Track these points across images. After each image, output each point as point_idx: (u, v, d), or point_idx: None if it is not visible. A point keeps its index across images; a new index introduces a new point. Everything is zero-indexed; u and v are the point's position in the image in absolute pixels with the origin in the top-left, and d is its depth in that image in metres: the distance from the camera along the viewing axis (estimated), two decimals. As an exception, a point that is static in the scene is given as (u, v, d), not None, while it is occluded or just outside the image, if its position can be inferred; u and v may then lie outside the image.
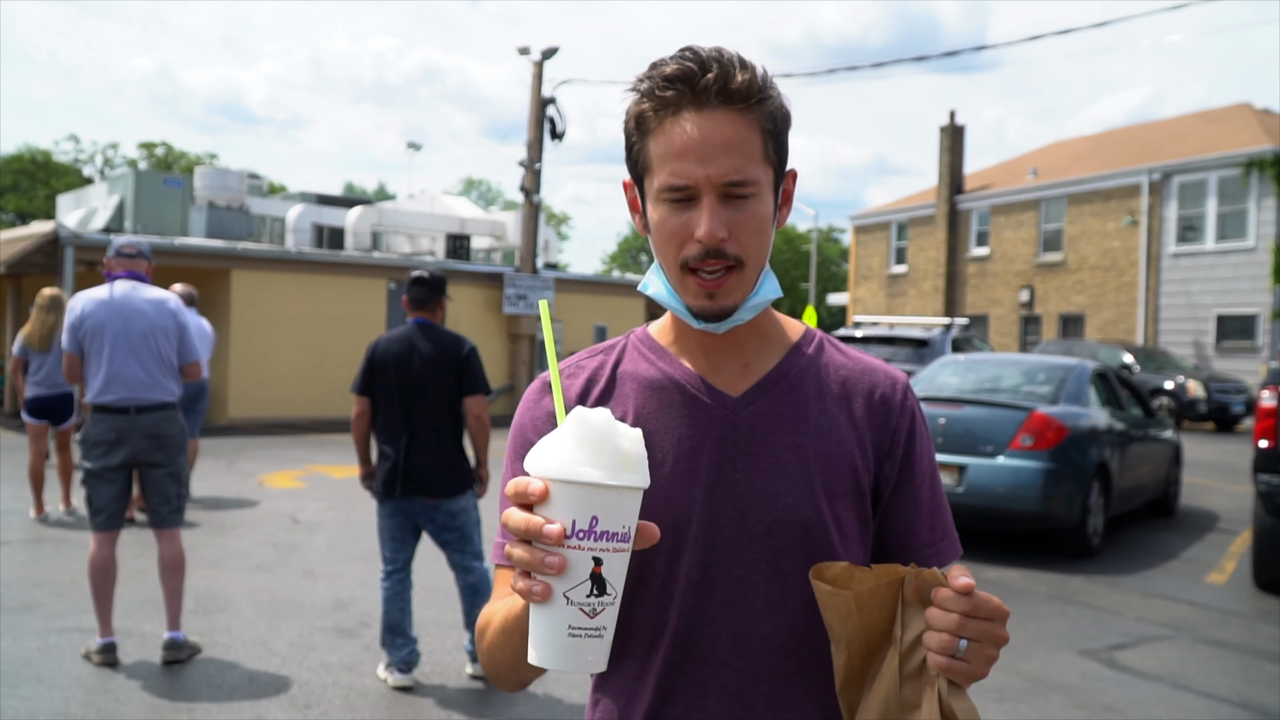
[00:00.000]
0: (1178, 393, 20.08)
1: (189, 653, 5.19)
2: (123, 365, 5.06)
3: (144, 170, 25.46)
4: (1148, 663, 5.66)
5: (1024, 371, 9.43)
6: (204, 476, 11.02)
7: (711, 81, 1.22)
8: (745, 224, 1.26)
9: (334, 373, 18.00)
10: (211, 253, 17.38)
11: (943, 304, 32.33)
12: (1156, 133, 31.08)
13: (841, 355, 1.42)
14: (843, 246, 59.80)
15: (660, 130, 1.25)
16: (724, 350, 1.36)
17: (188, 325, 5.35)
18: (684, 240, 1.26)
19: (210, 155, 63.86)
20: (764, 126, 1.26)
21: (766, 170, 1.28)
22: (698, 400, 1.34)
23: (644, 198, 1.32)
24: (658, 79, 1.25)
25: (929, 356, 12.96)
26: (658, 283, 1.35)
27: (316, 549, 7.80)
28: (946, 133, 33.02)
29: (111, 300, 5.12)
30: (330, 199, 28.09)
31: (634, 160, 1.31)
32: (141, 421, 5.09)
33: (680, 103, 1.24)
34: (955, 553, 1.42)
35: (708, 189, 1.24)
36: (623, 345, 1.44)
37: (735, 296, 1.28)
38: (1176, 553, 8.68)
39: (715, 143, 1.23)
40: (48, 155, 58.66)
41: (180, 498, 5.30)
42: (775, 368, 1.37)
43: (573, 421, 1.00)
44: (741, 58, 1.27)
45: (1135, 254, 27.06)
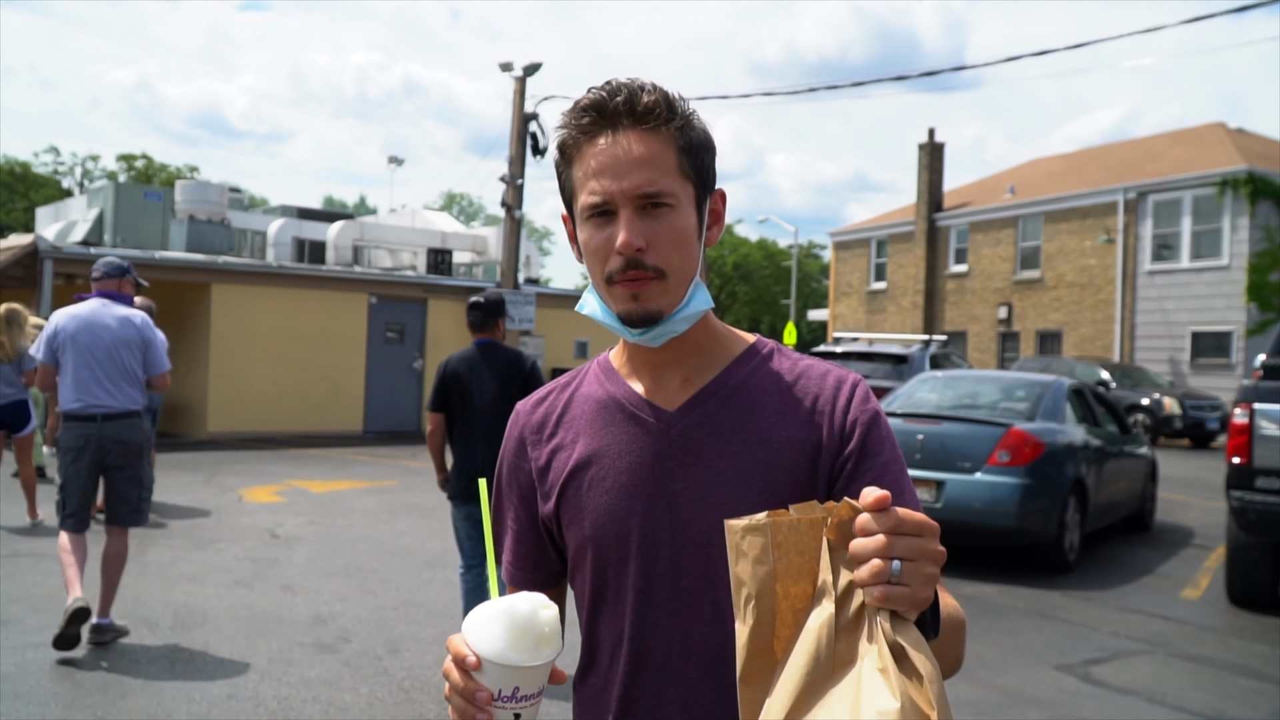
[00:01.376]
0: (1153, 409, 20.24)
1: (114, 636, 5.62)
2: (89, 376, 5.51)
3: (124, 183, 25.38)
4: (1123, 677, 5.71)
5: (1001, 388, 9.51)
6: (182, 490, 10.97)
7: (621, 104, 1.30)
8: (663, 235, 1.30)
9: (314, 387, 17.97)
10: (192, 266, 17.32)
11: (921, 320, 32.50)
12: (1132, 152, 31.41)
13: (789, 363, 1.44)
14: (823, 263, 60.07)
15: (580, 155, 1.33)
16: (665, 367, 1.41)
17: (154, 340, 5.75)
18: (607, 255, 1.31)
19: (191, 168, 63.71)
20: (678, 143, 1.32)
21: (684, 184, 1.33)
22: (636, 417, 1.40)
23: (575, 224, 1.38)
24: (575, 111, 1.33)
25: (908, 373, 13.05)
26: (593, 302, 1.39)
27: (296, 564, 7.79)
28: (925, 150, 33.26)
29: (81, 315, 5.60)
30: (311, 213, 28.01)
31: (564, 190, 1.38)
32: (107, 428, 5.53)
33: (595, 129, 1.31)
34: None
35: (623, 202, 1.29)
36: (587, 370, 1.51)
37: (660, 303, 1.32)
38: (1152, 568, 8.75)
39: (628, 159, 1.29)
40: (26, 167, 58.33)
41: (140, 499, 5.69)
42: (713, 380, 1.40)
43: (502, 613, 1.17)
44: (653, 84, 1.34)
45: (1112, 271, 27.30)
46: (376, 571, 7.61)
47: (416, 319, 19.72)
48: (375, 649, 5.72)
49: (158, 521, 9.25)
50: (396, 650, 5.71)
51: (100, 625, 5.57)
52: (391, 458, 15.40)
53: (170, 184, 38.62)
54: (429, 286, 20.04)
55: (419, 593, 7.04)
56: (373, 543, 8.68)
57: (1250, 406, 7.08)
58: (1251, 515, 6.99)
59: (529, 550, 1.50)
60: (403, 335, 19.54)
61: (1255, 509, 6.98)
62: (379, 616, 6.41)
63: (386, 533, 9.15)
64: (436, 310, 19.80)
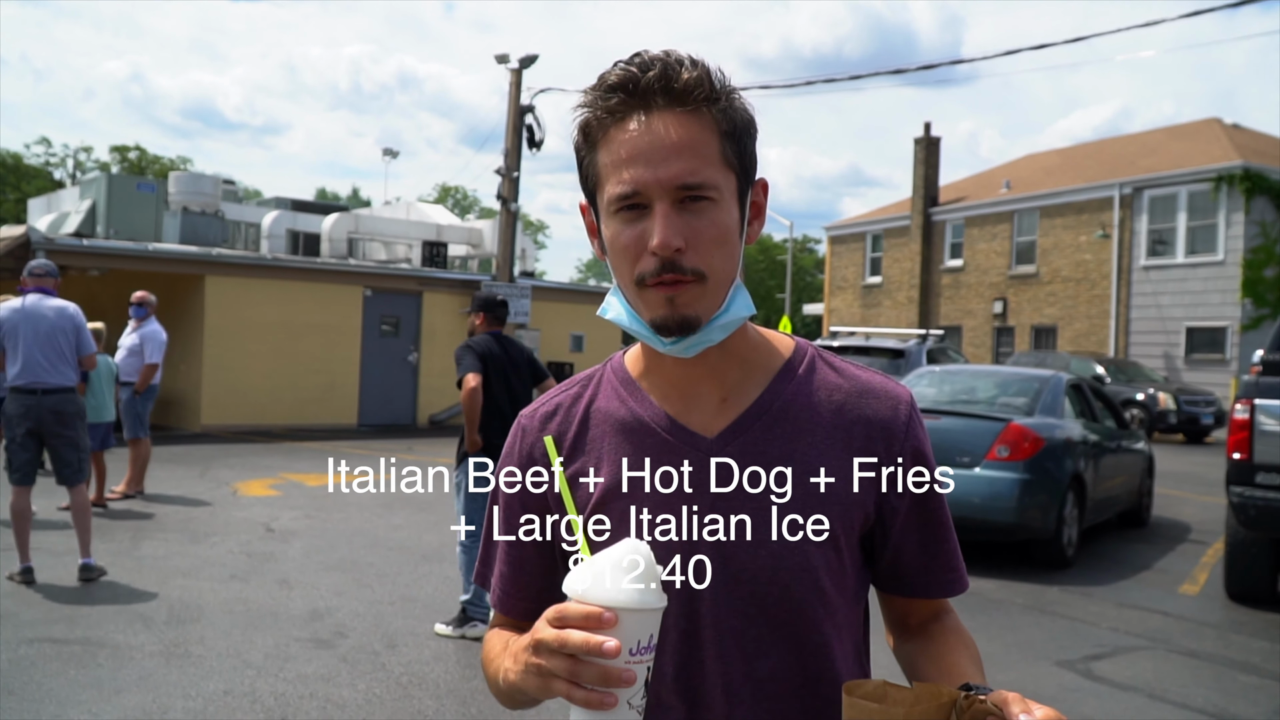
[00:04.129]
0: (1149, 404, 20.25)
1: (97, 574, 6.75)
2: (31, 357, 6.61)
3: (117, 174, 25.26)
4: (1123, 673, 5.69)
5: (999, 383, 9.49)
6: (177, 484, 10.92)
7: (654, 80, 1.15)
8: (704, 232, 1.16)
9: (308, 380, 17.90)
10: (185, 258, 17.25)
11: (917, 315, 32.50)
12: (1128, 147, 31.41)
13: (836, 375, 1.31)
14: (818, 257, 60.04)
15: (606, 140, 1.18)
16: (699, 381, 1.27)
17: (84, 327, 6.92)
18: (639, 254, 1.17)
19: (184, 160, 63.43)
20: (720, 128, 1.18)
21: (726, 175, 1.19)
22: (670, 445, 1.25)
23: (599, 217, 1.23)
24: (601, 89, 1.18)
25: (905, 367, 13.02)
26: (618, 306, 1.25)
27: (291, 558, 7.74)
28: (921, 145, 33.24)
29: (24, 308, 6.71)
30: (306, 205, 27.90)
31: (585, 177, 1.24)
32: (46, 401, 6.64)
33: (625, 109, 1.16)
34: (963, 585, 1.35)
35: (660, 194, 1.15)
36: (598, 377, 1.36)
37: (698, 308, 1.18)
38: (1150, 563, 8.74)
39: (665, 144, 1.15)
40: (18, 158, 58.05)
41: (81, 461, 6.80)
42: (756, 401, 1.27)
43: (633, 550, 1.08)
44: (691, 58, 1.18)
45: (1107, 267, 27.30)
46: (373, 566, 7.56)
47: (411, 312, 19.66)
48: (372, 644, 5.68)
49: (150, 514, 9.21)
50: (394, 645, 5.67)
51: (86, 564, 6.71)
52: (387, 451, 15.36)
53: (164, 176, 38.48)
54: (424, 279, 19.98)
55: (416, 587, 7.00)
56: (369, 536, 8.63)
57: (1251, 402, 7.06)
58: (1252, 511, 6.98)
59: (533, 579, 1.35)
60: (398, 328, 19.48)
61: (1255, 504, 6.96)
62: (376, 611, 6.37)
63: (382, 526, 9.10)
64: (431, 303, 19.74)
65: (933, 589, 1.34)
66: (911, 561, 1.32)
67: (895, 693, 1.07)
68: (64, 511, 8.81)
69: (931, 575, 1.33)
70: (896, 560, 1.32)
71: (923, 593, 1.34)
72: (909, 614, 1.38)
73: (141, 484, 10.16)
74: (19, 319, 6.65)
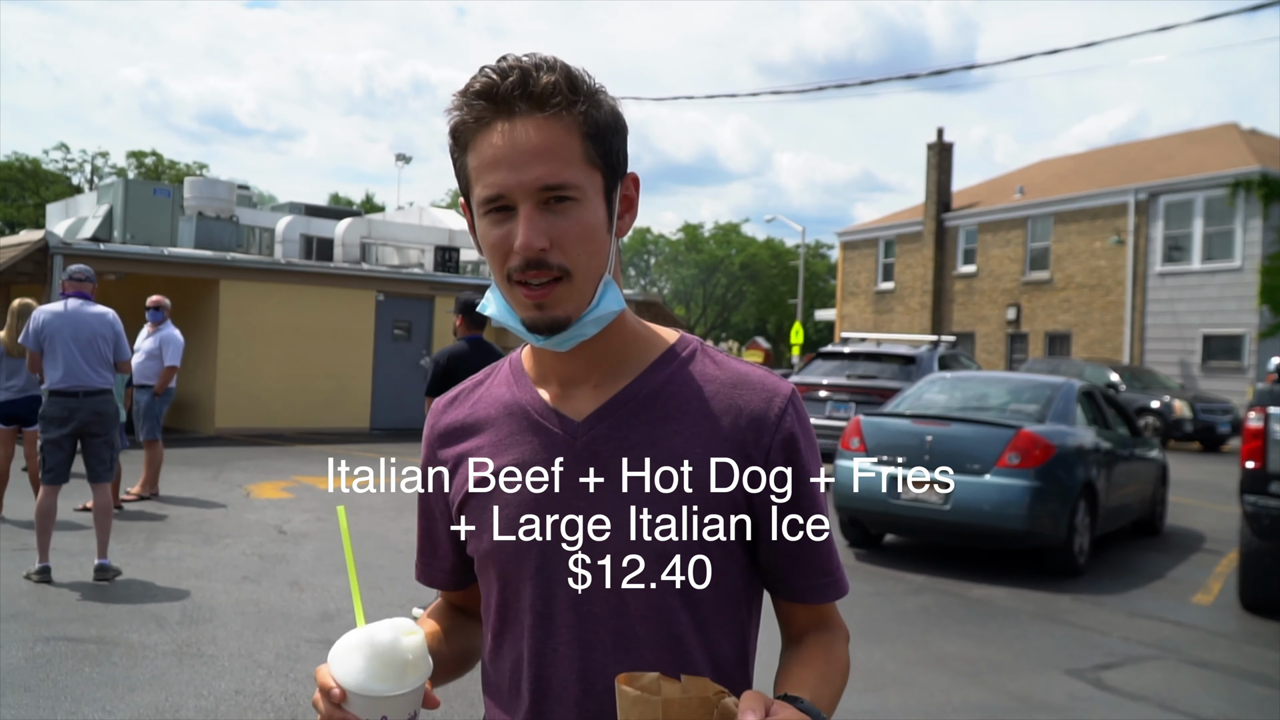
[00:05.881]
0: (1164, 412, 20.16)
1: (113, 574, 6.83)
2: (73, 361, 6.79)
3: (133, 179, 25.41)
4: (1134, 683, 5.67)
5: (1011, 390, 9.47)
6: (190, 486, 10.98)
7: (513, 86, 1.18)
8: (568, 231, 1.19)
9: (321, 384, 17.95)
10: (200, 263, 17.34)
11: (929, 321, 32.44)
12: (1143, 152, 31.31)
13: (715, 367, 1.31)
14: (830, 263, 59.94)
15: (474, 145, 1.21)
16: (577, 372, 1.30)
17: (122, 333, 7.15)
18: (507, 253, 1.21)
19: (200, 165, 63.79)
20: (582, 130, 1.20)
21: (590, 174, 1.21)
22: (542, 427, 1.29)
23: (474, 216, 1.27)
24: (466, 95, 1.21)
25: (916, 374, 13.00)
26: (495, 302, 1.28)
27: (303, 560, 7.78)
28: (934, 150, 33.21)
29: (66, 312, 6.92)
30: (319, 210, 27.98)
31: (459, 178, 1.27)
32: (86, 402, 6.84)
33: (489, 115, 1.20)
34: (838, 591, 1.33)
35: (523, 197, 1.18)
36: (500, 368, 1.42)
37: (566, 308, 1.21)
38: (1163, 573, 8.71)
39: (526, 149, 1.18)
40: (37, 164, 58.45)
41: (113, 460, 7.06)
42: (626, 387, 1.29)
43: (363, 643, 1.16)
44: (550, 61, 1.20)
45: (1122, 273, 27.21)
46: (384, 569, 7.59)
47: (424, 316, 19.71)
48: (383, 647, 5.69)
49: (164, 515, 9.26)
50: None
51: (102, 565, 6.79)
52: (399, 454, 15.37)
53: (179, 181, 38.69)
54: (436, 284, 20.02)
55: (426, 590, 7.02)
56: (379, 540, 8.66)
57: (1265, 410, 7.03)
58: (1266, 520, 6.95)
59: (447, 553, 1.44)
60: (410, 333, 19.53)
61: (1269, 514, 6.93)
62: (385, 613, 6.33)
63: (393, 530, 9.14)
64: (444, 308, 19.76)
65: (807, 594, 1.32)
66: (783, 563, 1.30)
67: (667, 685, 1.09)
68: (81, 513, 8.92)
69: (801, 578, 1.31)
70: (770, 560, 1.31)
71: (795, 596, 1.33)
72: (790, 620, 1.36)
73: (156, 486, 10.22)
74: (61, 323, 6.84)
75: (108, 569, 6.83)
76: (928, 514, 8.24)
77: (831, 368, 13.97)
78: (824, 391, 13.34)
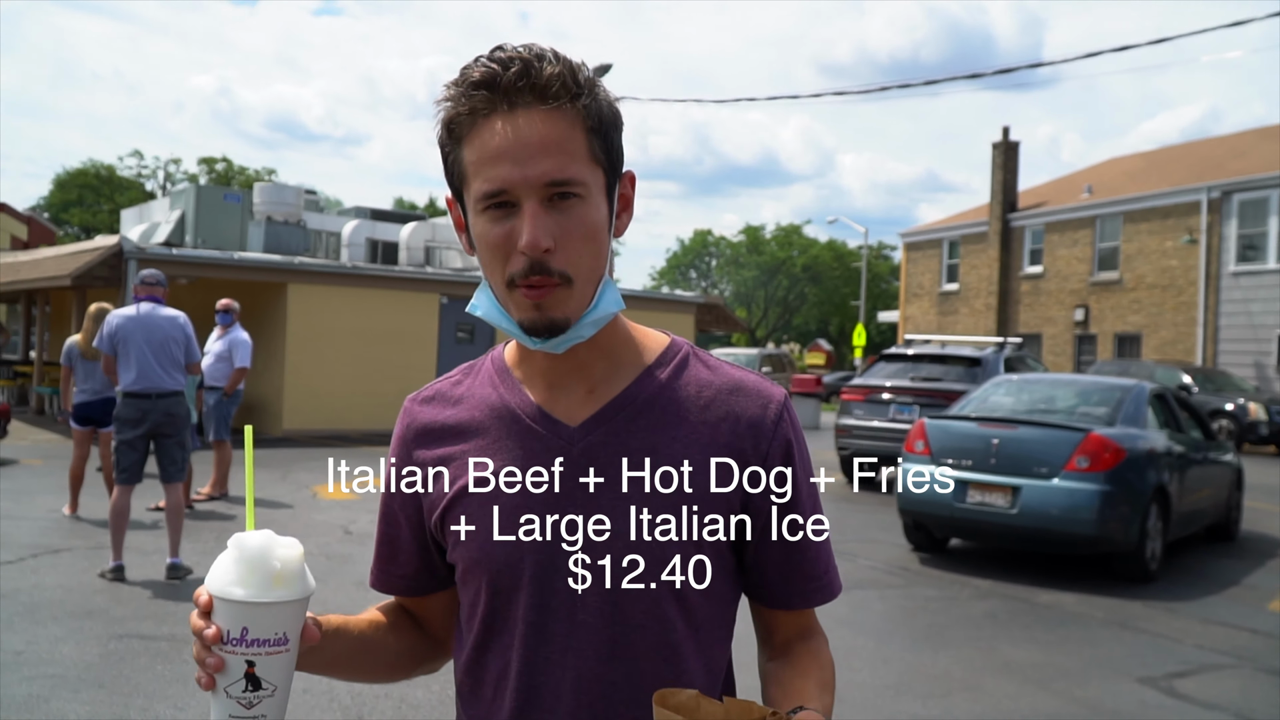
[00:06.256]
0: (1238, 414, 19.69)
1: (184, 573, 6.95)
2: (147, 363, 6.94)
3: (204, 185, 25.95)
4: (1208, 692, 5.54)
5: (1079, 392, 9.31)
6: (259, 487, 11.15)
7: (515, 78, 1.13)
8: (573, 231, 1.15)
9: (387, 386, 18.16)
10: (268, 267, 17.66)
11: (995, 322, 31.99)
12: (1215, 149, 30.61)
13: (708, 372, 1.29)
14: (893, 264, 59.37)
15: (472, 136, 1.16)
16: (568, 374, 1.26)
17: (193, 336, 7.31)
18: (508, 253, 1.16)
19: (269, 171, 64.99)
20: (586, 124, 1.16)
21: (594, 171, 1.18)
22: (533, 431, 1.25)
23: (466, 213, 1.22)
24: (464, 85, 1.16)
25: (982, 376, 12.82)
26: (486, 302, 1.24)
27: (368, 560, 7.75)
28: (999, 149, 32.76)
29: (138, 316, 7.07)
30: (384, 214, 28.39)
31: (451, 173, 1.21)
32: (160, 404, 6.99)
33: (489, 106, 1.15)
34: (828, 595, 1.31)
35: (527, 193, 1.14)
36: (479, 367, 1.36)
37: (567, 309, 1.17)
38: (1237, 579, 8.50)
39: (531, 142, 1.13)
40: (112, 170, 59.99)
41: (185, 460, 7.20)
42: (622, 392, 1.25)
43: (232, 545, 1.10)
44: (554, 52, 1.17)
45: (1194, 273, 26.61)
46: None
47: (487, 319, 19.88)
48: (447, 647, 5.75)
49: (234, 515, 9.43)
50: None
51: (174, 564, 6.94)
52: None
53: (249, 186, 39.39)
54: (499, 287, 20.17)
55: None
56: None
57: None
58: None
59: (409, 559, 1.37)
60: (473, 335, 19.70)
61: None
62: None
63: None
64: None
65: (794, 599, 1.30)
66: (774, 569, 1.29)
67: (707, 705, 1.06)
68: (154, 512, 9.12)
69: (793, 584, 1.30)
70: (759, 566, 1.29)
71: (784, 603, 1.31)
72: (774, 629, 1.34)
73: (226, 486, 10.41)
74: (134, 326, 7.00)
75: (179, 567, 6.97)
76: (994, 518, 8.12)
77: (895, 370, 13.82)
78: (887, 394, 13.20)
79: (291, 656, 1.13)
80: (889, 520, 9.52)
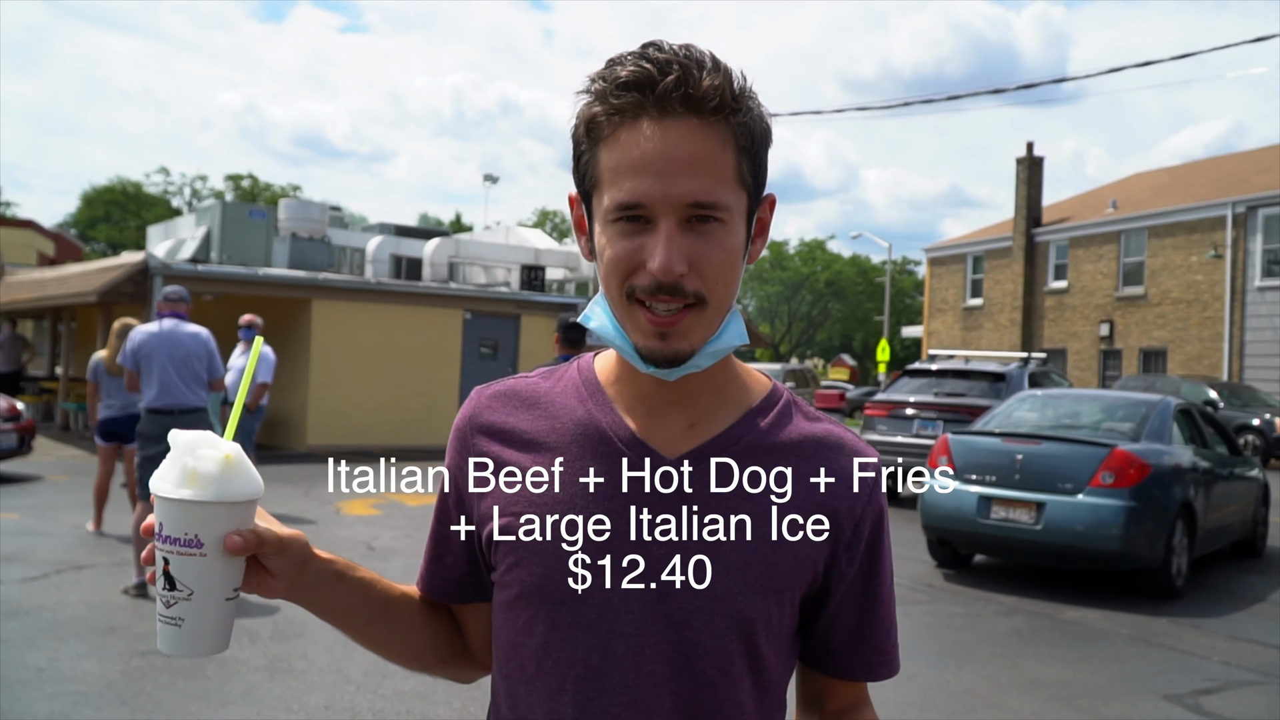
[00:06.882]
0: (1264, 430, 19.50)
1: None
2: (169, 379, 6.95)
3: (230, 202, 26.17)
4: (1235, 709, 5.48)
5: (1104, 407, 9.25)
6: (283, 502, 11.22)
7: (672, 86, 1.04)
8: (710, 256, 1.07)
9: (410, 401, 18.24)
10: (293, 283, 17.77)
11: (1019, 337, 31.82)
12: (1241, 164, 30.40)
13: (807, 422, 1.22)
14: (917, 279, 59.19)
15: (614, 139, 1.07)
16: (671, 403, 1.17)
17: (215, 352, 7.26)
18: (634, 268, 1.07)
19: (294, 187, 65.46)
20: (739, 143, 1.08)
21: (739, 195, 1.09)
22: (625, 457, 1.15)
23: (591, 218, 1.14)
24: (613, 83, 1.07)
25: (1006, 391, 12.75)
26: (602, 316, 1.15)
27: (391, 576, 7.75)
28: (1024, 164, 32.65)
29: (161, 333, 7.05)
30: (409, 230, 28.55)
31: (582, 172, 1.12)
32: (181, 420, 6.90)
33: (637, 110, 1.06)
34: (890, 671, 1.25)
35: (666, 211, 1.05)
36: (563, 374, 1.26)
37: (693, 339, 1.09)
38: (1264, 595, 8.41)
39: (679, 157, 1.04)
40: (138, 187, 60.61)
41: None
42: (724, 431, 1.17)
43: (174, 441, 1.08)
44: (714, 58, 1.08)
45: (1220, 288, 26.41)
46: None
47: (510, 335, 19.93)
48: (468, 663, 5.75)
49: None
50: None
51: None
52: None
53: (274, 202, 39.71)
54: (522, 303, 20.24)
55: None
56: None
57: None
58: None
59: (456, 561, 1.29)
60: (496, 351, 19.76)
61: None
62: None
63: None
64: (529, 326, 19.98)
65: (858, 670, 1.25)
66: (842, 637, 1.23)
67: None
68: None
69: (859, 655, 1.25)
70: (828, 632, 1.23)
71: (847, 674, 1.26)
72: (827, 696, 1.29)
73: (249, 502, 10.46)
74: (156, 343, 6.98)
75: None
76: (1018, 534, 8.06)
77: (919, 385, 13.77)
78: (911, 409, 13.15)
79: (210, 563, 1.06)
80: (913, 536, 9.47)
